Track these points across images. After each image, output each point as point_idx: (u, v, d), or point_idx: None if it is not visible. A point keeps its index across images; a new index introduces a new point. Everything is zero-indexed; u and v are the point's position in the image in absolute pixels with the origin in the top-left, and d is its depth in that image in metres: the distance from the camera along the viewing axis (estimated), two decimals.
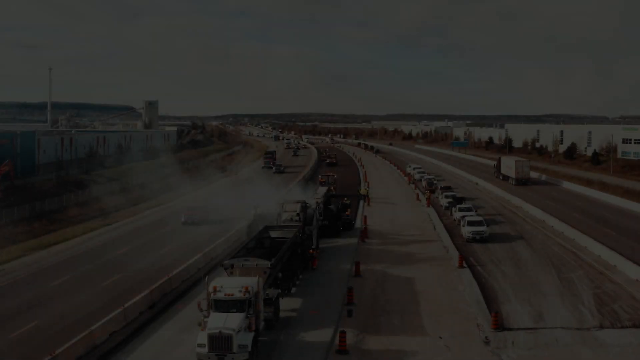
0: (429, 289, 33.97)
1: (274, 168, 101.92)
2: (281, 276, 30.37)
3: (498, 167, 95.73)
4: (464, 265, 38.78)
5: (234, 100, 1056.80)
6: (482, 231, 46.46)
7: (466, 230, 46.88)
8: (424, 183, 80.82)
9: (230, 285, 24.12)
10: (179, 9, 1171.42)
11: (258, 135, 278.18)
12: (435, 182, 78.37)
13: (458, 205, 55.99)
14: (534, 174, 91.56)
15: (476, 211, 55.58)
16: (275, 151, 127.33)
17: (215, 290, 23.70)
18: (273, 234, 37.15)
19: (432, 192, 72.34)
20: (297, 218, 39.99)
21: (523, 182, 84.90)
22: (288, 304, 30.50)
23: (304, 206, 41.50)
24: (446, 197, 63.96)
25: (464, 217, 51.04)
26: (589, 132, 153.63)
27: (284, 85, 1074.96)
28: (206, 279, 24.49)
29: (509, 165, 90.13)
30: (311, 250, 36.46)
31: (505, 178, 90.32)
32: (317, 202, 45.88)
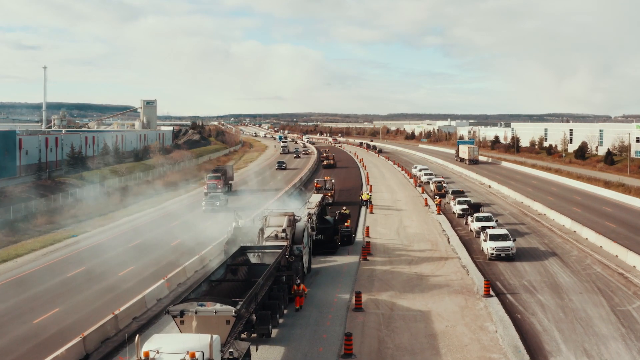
0: (451, 329, 26.27)
1: (203, 203, 60.34)
2: (256, 319, 22.76)
3: (457, 153, 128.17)
4: (491, 293, 31.09)
5: (234, 100, 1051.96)
6: (508, 247, 38.69)
7: (489, 246, 39.12)
8: (432, 186, 73.08)
9: (170, 348, 16.43)
10: (179, 9, 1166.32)
11: (265, 136, 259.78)
12: (444, 185, 70.61)
13: (475, 214, 48.23)
14: (482, 158, 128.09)
15: (497, 221, 47.93)
16: (228, 168, 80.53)
17: (147, 358, 16.06)
18: (253, 256, 29.53)
19: (442, 196, 64.65)
20: (283, 235, 32.26)
21: (474, 162, 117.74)
22: (265, 356, 22.91)
23: (293, 219, 33.77)
24: (459, 203, 56.18)
25: (484, 228, 43.37)
26: (600, 131, 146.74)
27: (285, 85, 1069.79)
28: (137, 338, 16.76)
29: (464, 150, 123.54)
30: (296, 286, 28.14)
31: (462, 160, 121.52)
32: (309, 214, 38.04)
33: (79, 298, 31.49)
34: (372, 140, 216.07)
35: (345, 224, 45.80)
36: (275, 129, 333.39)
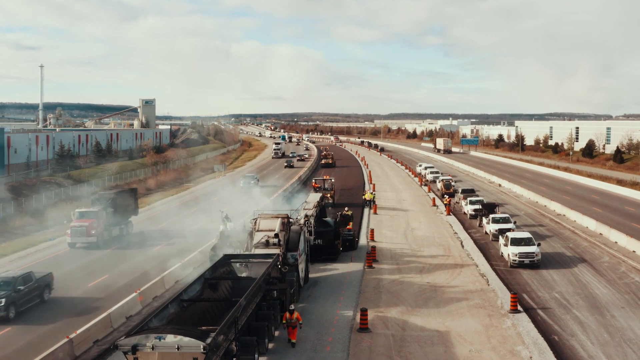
0: (476, 355, 21.73)
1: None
2: (237, 348, 18.26)
3: (435, 145, 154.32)
4: (519, 308, 26.55)
5: (235, 100, 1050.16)
6: (533, 253, 34.15)
7: (510, 252, 34.55)
8: (439, 185, 68.58)
9: None
10: (179, 9, 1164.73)
11: (271, 136, 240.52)
12: (453, 184, 66.09)
13: (491, 215, 43.71)
14: (456, 149, 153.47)
15: (515, 222, 43.43)
16: (120, 195, 45.27)
17: None
18: (239, 267, 24.98)
19: (451, 196, 60.10)
20: (275, 240, 27.71)
21: (448, 152, 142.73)
22: None
23: (287, 222, 29.22)
24: (471, 203, 51.67)
25: (502, 231, 38.93)
26: (608, 129, 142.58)
27: (285, 85, 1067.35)
28: None
29: (439, 142, 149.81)
30: (288, 314, 22.20)
31: (439, 151, 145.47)
32: (306, 215, 33.45)
33: (37, 313, 27.01)
34: (359, 138, 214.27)
35: (347, 226, 41.30)
36: (273, 128, 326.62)
